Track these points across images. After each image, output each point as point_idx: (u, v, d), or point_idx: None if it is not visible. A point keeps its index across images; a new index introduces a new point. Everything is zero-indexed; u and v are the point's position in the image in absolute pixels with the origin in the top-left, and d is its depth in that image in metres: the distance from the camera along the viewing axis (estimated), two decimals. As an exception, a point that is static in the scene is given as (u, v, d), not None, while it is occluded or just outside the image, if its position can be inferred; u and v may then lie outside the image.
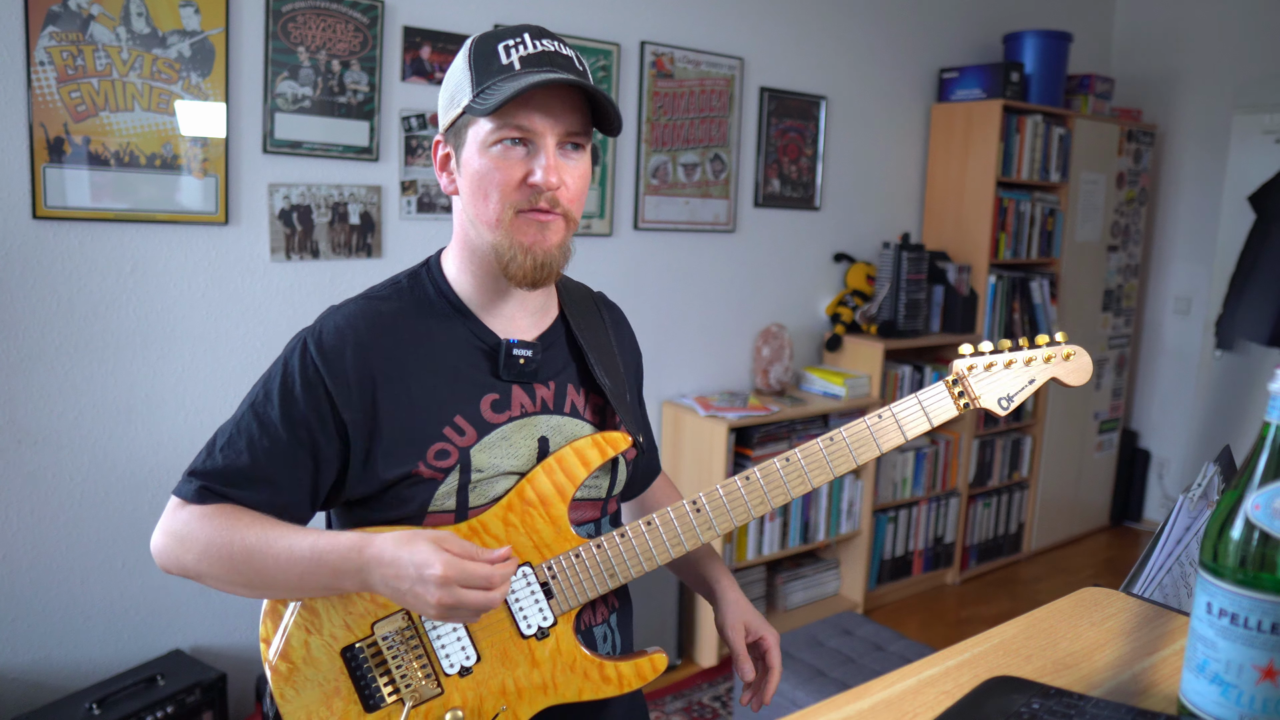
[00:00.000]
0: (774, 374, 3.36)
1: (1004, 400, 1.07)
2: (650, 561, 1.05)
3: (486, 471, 1.03)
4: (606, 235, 2.99)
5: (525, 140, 0.99)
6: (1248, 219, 4.11)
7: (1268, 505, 0.64)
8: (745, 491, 1.05)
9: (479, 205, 1.01)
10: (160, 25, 2.15)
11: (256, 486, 1.00)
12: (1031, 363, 1.08)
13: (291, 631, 1.03)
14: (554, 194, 0.99)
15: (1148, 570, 1.02)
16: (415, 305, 1.07)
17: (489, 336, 1.07)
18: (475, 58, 1.00)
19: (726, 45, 3.18)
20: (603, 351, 1.14)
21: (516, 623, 1.03)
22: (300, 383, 1.00)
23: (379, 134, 2.50)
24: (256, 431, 1.00)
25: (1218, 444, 2.23)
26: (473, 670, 1.02)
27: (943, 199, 3.87)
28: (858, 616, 2.64)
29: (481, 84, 0.98)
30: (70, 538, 2.20)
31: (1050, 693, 0.72)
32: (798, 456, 1.05)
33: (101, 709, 2.03)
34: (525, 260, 1.00)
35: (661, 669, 1.08)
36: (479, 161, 1.00)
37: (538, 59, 0.98)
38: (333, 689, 1.02)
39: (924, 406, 1.06)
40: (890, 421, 1.06)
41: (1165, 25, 4.50)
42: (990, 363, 1.07)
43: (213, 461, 1.00)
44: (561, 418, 1.09)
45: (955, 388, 1.07)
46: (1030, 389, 1.08)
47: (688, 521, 1.05)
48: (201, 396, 2.33)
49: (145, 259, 2.22)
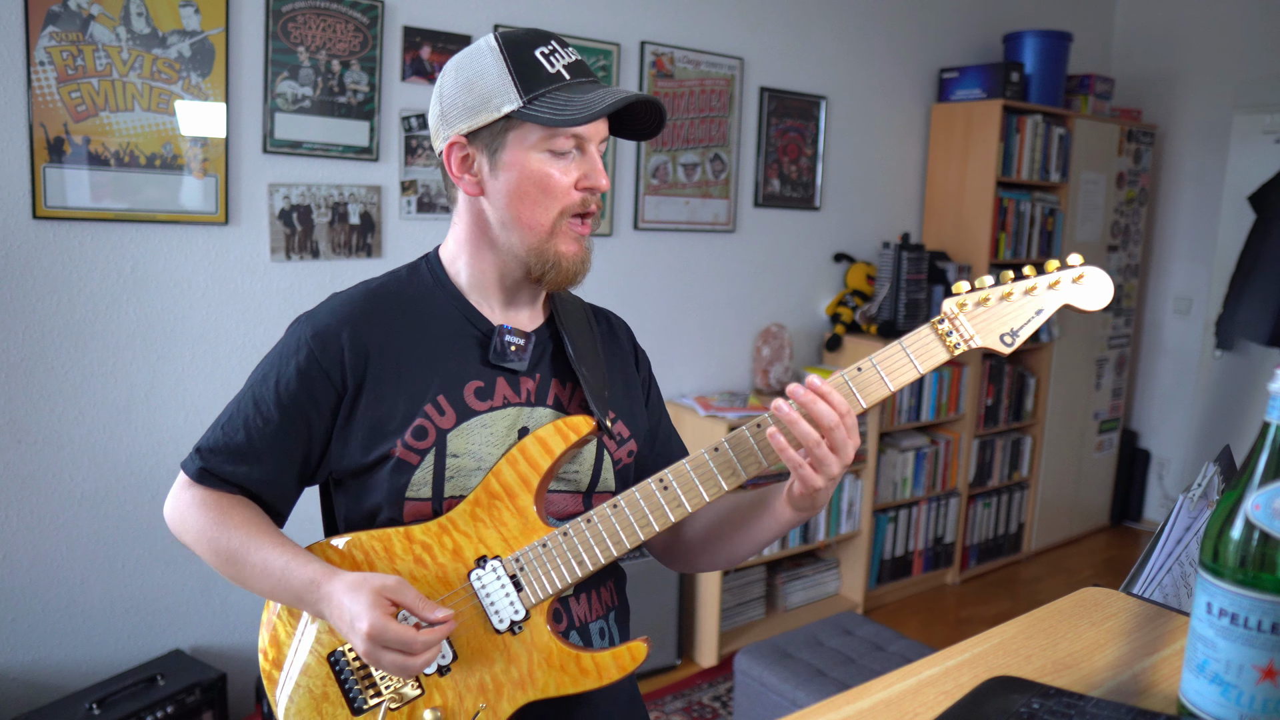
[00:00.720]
0: (774, 374, 3.36)
1: (1007, 336, 0.98)
2: (619, 545, 1.01)
3: (463, 458, 1.04)
4: (606, 235, 2.99)
5: (580, 142, 1.03)
6: (1248, 219, 4.11)
7: (1268, 505, 0.63)
8: (714, 463, 1.00)
9: (524, 209, 1.03)
10: (160, 25, 2.15)
11: (249, 463, 1.05)
12: (1034, 291, 0.98)
13: (284, 641, 1.06)
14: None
15: (1148, 570, 1.02)
16: (413, 292, 1.10)
17: (482, 323, 1.09)
18: (515, 62, 1.00)
19: (726, 45, 3.18)
20: (586, 350, 1.15)
21: (489, 618, 1.02)
22: (295, 366, 1.04)
23: (379, 134, 2.50)
24: (252, 411, 1.05)
25: (1218, 444, 2.23)
26: (450, 669, 1.02)
27: (943, 199, 3.87)
28: (858, 616, 2.64)
29: (533, 90, 1.00)
30: (70, 538, 2.20)
31: (1050, 693, 0.72)
32: (769, 421, 0.98)
33: (101, 709, 2.03)
34: (568, 268, 1.06)
35: (641, 658, 1.04)
36: (534, 166, 1.02)
37: (578, 68, 1.03)
38: (321, 694, 1.04)
39: (909, 353, 0.98)
40: (872, 374, 0.98)
41: (1165, 25, 4.50)
42: (984, 298, 0.98)
43: (214, 438, 1.07)
44: (544, 409, 1.09)
45: (942, 326, 0.98)
46: (1039, 319, 0.98)
47: (655, 500, 1.01)
48: (201, 396, 2.33)
49: (145, 259, 2.22)
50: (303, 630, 1.06)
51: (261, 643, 1.08)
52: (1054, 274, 0.99)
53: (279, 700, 1.05)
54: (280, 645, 1.07)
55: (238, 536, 1.03)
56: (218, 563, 1.05)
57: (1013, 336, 0.98)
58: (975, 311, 0.99)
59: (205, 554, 1.06)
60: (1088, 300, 0.99)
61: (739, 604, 3.25)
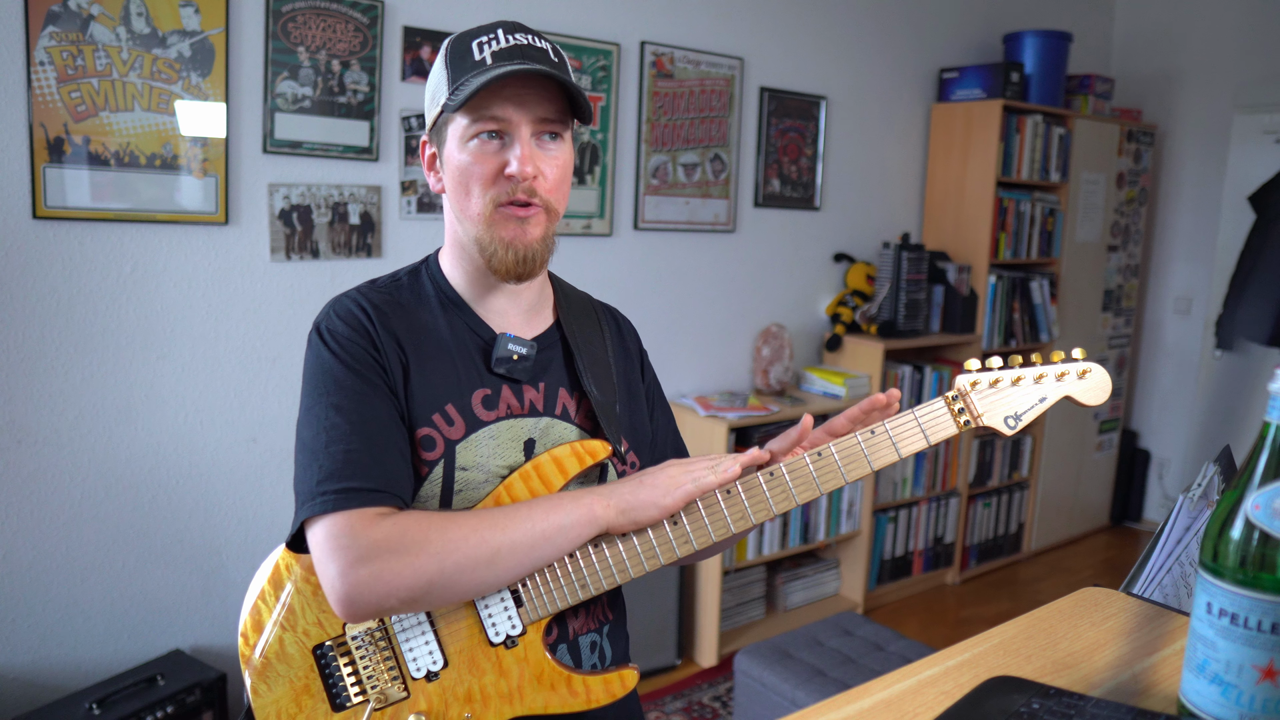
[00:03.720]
0: (774, 374, 3.36)
1: (1010, 419, 1.02)
2: (624, 574, 1.02)
3: (471, 471, 1.02)
4: (606, 235, 2.99)
5: (501, 133, 1.00)
6: (1248, 219, 4.11)
7: (1268, 505, 0.64)
8: (725, 506, 1.02)
9: (461, 201, 1.03)
10: (160, 25, 2.15)
11: (385, 457, 0.96)
12: (1043, 380, 1.03)
13: (268, 628, 1.03)
14: (531, 184, 1.00)
15: (1148, 570, 1.02)
16: (415, 298, 1.09)
17: (484, 330, 1.08)
18: (451, 56, 1.03)
19: (726, 45, 3.18)
20: (595, 360, 1.14)
21: (485, 629, 1.01)
22: (342, 352, 0.99)
23: (379, 134, 2.50)
24: (342, 419, 0.96)
25: (1218, 444, 2.23)
26: (439, 675, 1.01)
27: (943, 199, 3.87)
28: (858, 616, 2.64)
29: (456, 81, 1.00)
30: (70, 538, 2.20)
31: (1050, 693, 0.72)
32: (782, 471, 1.01)
33: (101, 709, 2.03)
34: (507, 255, 1.02)
35: (631, 685, 1.05)
36: (458, 157, 1.02)
37: (509, 53, 1.00)
38: (303, 686, 1.02)
39: (921, 424, 1.02)
40: (884, 438, 1.01)
41: (1165, 25, 4.50)
42: (996, 379, 1.02)
43: (327, 466, 0.93)
44: (550, 419, 1.08)
45: (956, 403, 1.02)
46: (1041, 407, 1.03)
47: (664, 534, 1.01)
48: (201, 396, 2.33)
49: (145, 259, 2.22)
50: (285, 617, 1.02)
51: (243, 626, 1.04)
52: (1062, 365, 1.04)
53: (257, 688, 1.02)
54: (262, 630, 1.03)
55: (476, 525, 0.94)
56: (470, 565, 0.93)
57: (1015, 420, 1.03)
58: (986, 391, 1.03)
59: (458, 554, 0.93)
60: (1088, 395, 1.04)
61: (739, 604, 3.25)
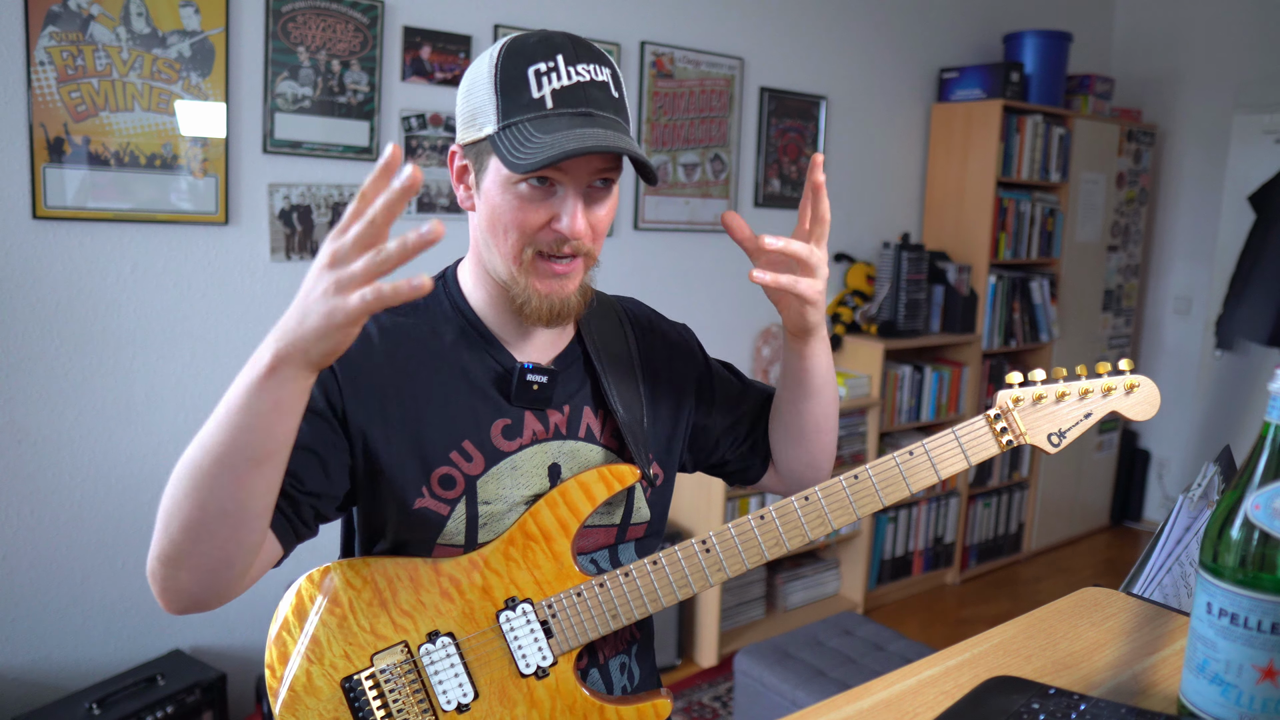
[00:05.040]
0: (774, 374, 3.36)
1: (1055, 436, 0.98)
2: (655, 603, 1.00)
3: (495, 504, 1.00)
4: (606, 235, 2.99)
5: (554, 182, 0.92)
6: (1248, 219, 4.11)
7: (1268, 505, 0.64)
8: (759, 532, 1.00)
9: (497, 237, 0.95)
10: (160, 25, 2.15)
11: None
12: (1088, 395, 0.98)
13: (295, 660, 1.01)
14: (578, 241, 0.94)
15: (1148, 570, 1.02)
16: (430, 320, 1.03)
17: (505, 359, 1.03)
18: (502, 79, 0.91)
19: (726, 45, 3.18)
20: (620, 372, 1.10)
21: (515, 661, 1.00)
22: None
23: (379, 134, 2.50)
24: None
25: (1218, 444, 2.23)
26: (470, 708, 0.99)
27: (943, 199, 3.87)
28: (858, 616, 2.64)
29: (509, 117, 0.91)
30: (70, 538, 2.20)
31: (1050, 693, 0.72)
32: (818, 495, 0.99)
33: (101, 709, 2.03)
34: (542, 306, 0.96)
35: (665, 715, 1.04)
36: (500, 197, 0.93)
37: (572, 95, 0.91)
38: (332, 719, 1.00)
39: (961, 443, 0.98)
40: (923, 459, 0.98)
41: (1165, 25, 4.50)
42: (1039, 394, 0.97)
43: None
44: (575, 443, 1.05)
45: (998, 423, 0.97)
46: (1087, 423, 0.98)
47: (696, 563, 1.00)
48: (201, 396, 2.32)
49: (145, 259, 2.22)
50: (310, 649, 1.00)
51: (268, 658, 1.01)
52: (1108, 379, 0.98)
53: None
54: (288, 662, 1.01)
55: (176, 470, 0.88)
56: (186, 502, 0.89)
57: (1060, 437, 0.98)
58: (1029, 408, 0.98)
59: (178, 516, 0.89)
60: (1136, 410, 0.98)
61: (739, 604, 3.25)
